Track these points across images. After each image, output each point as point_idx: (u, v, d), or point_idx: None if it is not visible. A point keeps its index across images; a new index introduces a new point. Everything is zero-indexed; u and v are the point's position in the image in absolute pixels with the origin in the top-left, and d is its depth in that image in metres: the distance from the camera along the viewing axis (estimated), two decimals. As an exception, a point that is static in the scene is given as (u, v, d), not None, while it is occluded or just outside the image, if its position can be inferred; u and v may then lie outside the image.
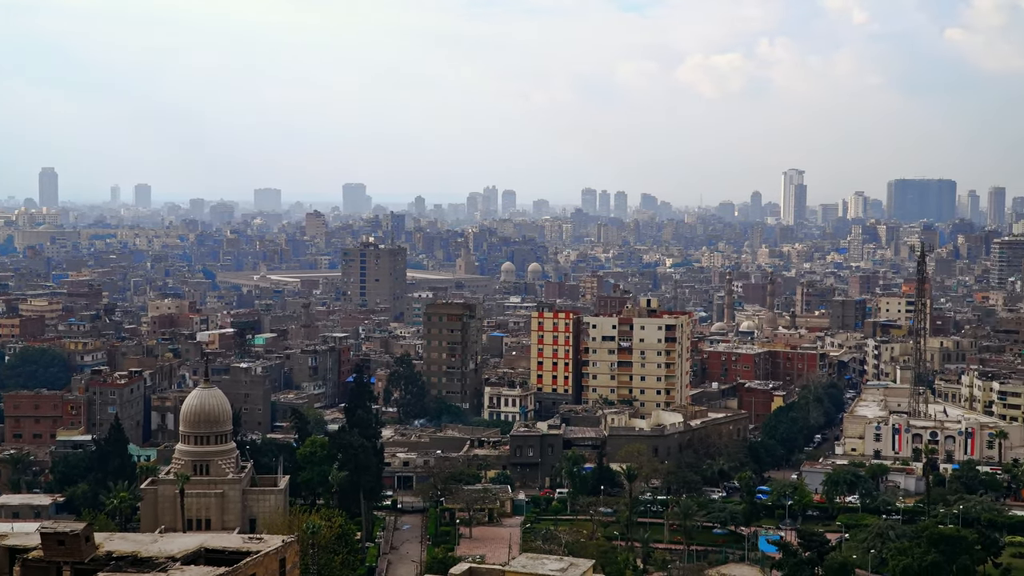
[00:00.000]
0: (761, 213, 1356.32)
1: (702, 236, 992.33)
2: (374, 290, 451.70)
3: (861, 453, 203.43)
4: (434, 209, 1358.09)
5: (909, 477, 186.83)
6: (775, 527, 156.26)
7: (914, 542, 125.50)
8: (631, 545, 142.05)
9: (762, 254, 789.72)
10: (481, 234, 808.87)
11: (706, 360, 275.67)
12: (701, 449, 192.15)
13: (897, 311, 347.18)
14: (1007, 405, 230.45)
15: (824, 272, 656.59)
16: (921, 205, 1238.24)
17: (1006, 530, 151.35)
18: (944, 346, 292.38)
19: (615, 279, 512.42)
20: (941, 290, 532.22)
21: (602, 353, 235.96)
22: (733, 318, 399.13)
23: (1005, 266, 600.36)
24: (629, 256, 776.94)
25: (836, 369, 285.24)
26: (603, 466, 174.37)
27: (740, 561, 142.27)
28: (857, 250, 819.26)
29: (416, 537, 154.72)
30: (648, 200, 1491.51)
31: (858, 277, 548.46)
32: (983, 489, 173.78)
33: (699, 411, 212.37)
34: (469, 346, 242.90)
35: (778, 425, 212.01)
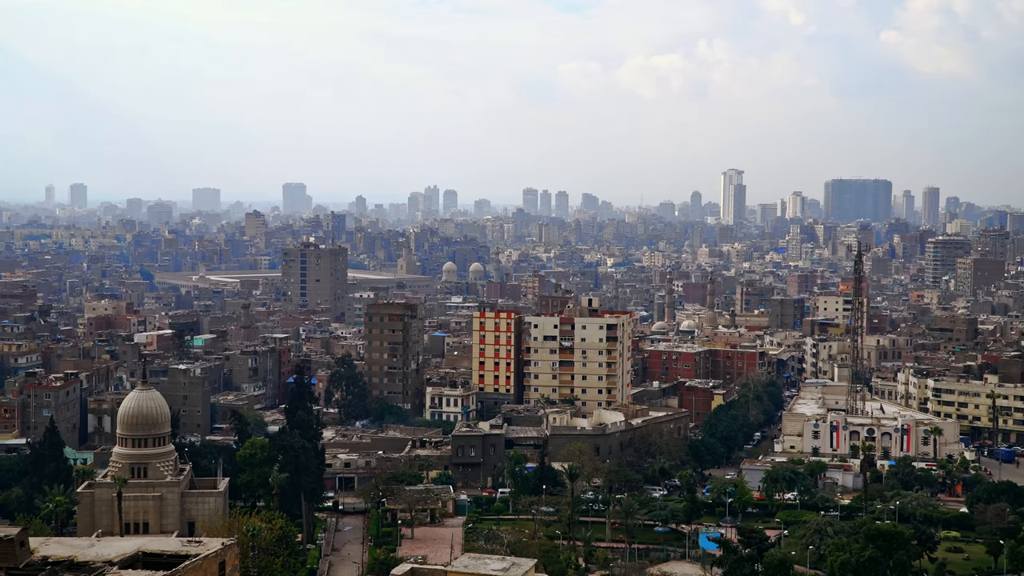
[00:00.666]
0: (701, 213, 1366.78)
1: (643, 236, 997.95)
2: (315, 290, 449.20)
3: (800, 450, 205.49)
4: (375, 209, 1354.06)
5: (847, 474, 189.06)
6: (716, 525, 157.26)
7: (852, 538, 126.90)
8: (573, 544, 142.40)
9: (702, 254, 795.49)
10: (423, 234, 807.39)
11: (647, 359, 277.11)
12: (642, 448, 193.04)
13: (835, 310, 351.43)
14: (941, 402, 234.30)
15: (763, 271, 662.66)
16: (858, 205, 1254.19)
17: (941, 525, 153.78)
18: (880, 344, 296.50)
19: (557, 279, 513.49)
20: (877, 289, 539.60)
21: (544, 353, 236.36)
22: (674, 317, 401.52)
23: (939, 265, 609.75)
24: (571, 256, 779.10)
25: (775, 367, 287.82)
26: (545, 465, 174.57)
27: (681, 559, 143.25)
28: (795, 249, 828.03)
29: (358, 538, 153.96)
30: (589, 200, 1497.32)
31: (796, 276, 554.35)
32: (919, 485, 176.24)
33: (640, 410, 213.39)
34: (411, 346, 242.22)
35: (718, 423, 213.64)
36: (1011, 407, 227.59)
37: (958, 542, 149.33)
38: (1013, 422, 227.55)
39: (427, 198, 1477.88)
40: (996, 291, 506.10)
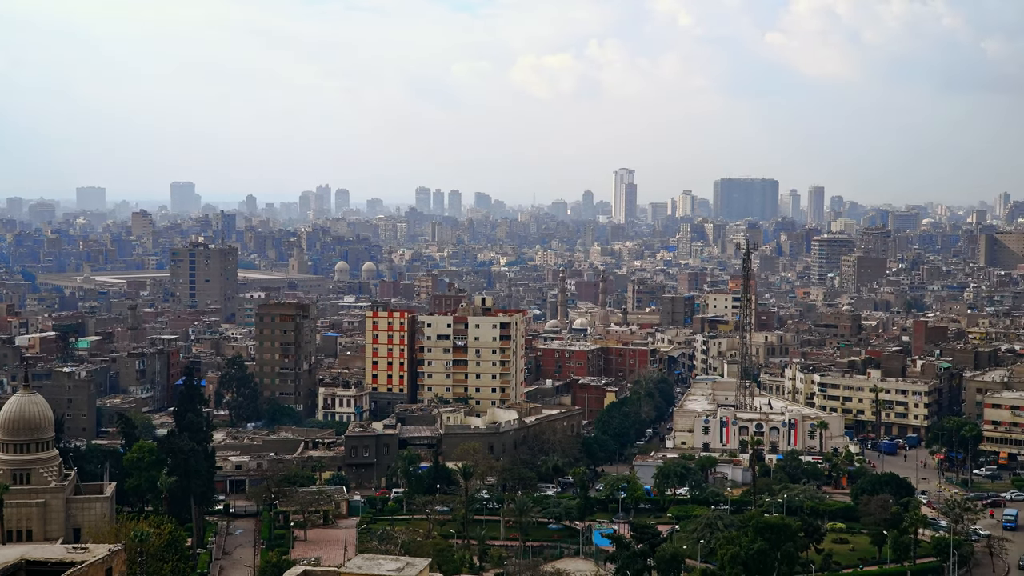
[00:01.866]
0: (593, 212, 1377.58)
1: (536, 235, 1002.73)
2: (204, 291, 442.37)
3: (691, 446, 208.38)
4: (266, 208, 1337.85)
5: (736, 468, 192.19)
6: (609, 521, 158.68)
7: (741, 531, 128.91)
8: (468, 543, 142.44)
9: (594, 252, 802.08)
10: (314, 233, 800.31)
11: (540, 357, 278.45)
12: (536, 445, 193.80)
13: (724, 307, 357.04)
14: (827, 396, 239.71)
15: (654, 269, 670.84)
16: (746, 204, 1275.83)
17: (827, 517, 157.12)
18: (768, 341, 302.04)
19: (450, 278, 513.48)
20: (765, 286, 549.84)
21: (437, 352, 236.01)
22: (567, 316, 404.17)
23: (825, 262, 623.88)
24: (464, 255, 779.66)
25: (666, 364, 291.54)
26: (439, 465, 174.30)
27: (575, 555, 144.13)
28: (686, 248, 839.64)
29: (249, 541, 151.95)
30: (482, 199, 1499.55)
31: (687, 274, 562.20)
32: (806, 478, 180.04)
33: (534, 408, 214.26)
34: (303, 347, 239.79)
35: (611, 420, 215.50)
36: (893, 401, 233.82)
37: (843, 533, 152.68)
38: (895, 415, 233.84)
39: (319, 197, 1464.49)
40: (878, 288, 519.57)
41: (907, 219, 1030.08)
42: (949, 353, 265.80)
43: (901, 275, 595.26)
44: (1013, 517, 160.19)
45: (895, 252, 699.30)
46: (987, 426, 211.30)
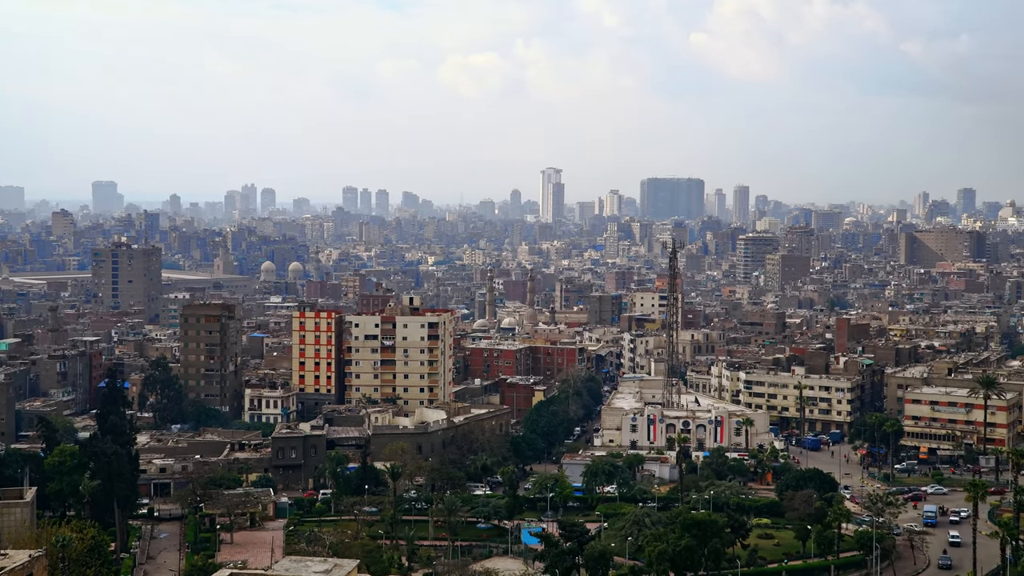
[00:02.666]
0: (521, 211, 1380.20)
1: (463, 234, 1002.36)
2: (127, 292, 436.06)
3: (619, 444, 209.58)
4: (190, 208, 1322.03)
5: (664, 465, 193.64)
6: (537, 519, 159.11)
7: (669, 528, 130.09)
8: (396, 543, 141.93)
9: (522, 251, 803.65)
10: (240, 233, 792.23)
11: (468, 357, 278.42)
12: (465, 445, 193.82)
13: (651, 305, 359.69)
14: (752, 394, 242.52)
15: (582, 269, 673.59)
16: (672, 203, 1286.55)
17: (753, 512, 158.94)
18: (695, 339, 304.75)
19: (377, 278, 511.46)
20: (692, 285, 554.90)
21: (365, 352, 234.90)
22: (495, 315, 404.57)
23: (750, 261, 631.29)
24: (391, 254, 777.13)
25: (594, 363, 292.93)
26: (367, 465, 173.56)
27: (504, 554, 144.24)
28: (613, 247, 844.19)
29: (174, 545, 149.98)
30: (410, 198, 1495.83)
31: (614, 273, 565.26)
32: (732, 474, 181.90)
33: (462, 407, 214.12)
34: (228, 348, 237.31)
35: (539, 419, 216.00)
36: (817, 397, 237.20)
37: (769, 528, 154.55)
38: (819, 412, 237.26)
39: (244, 197, 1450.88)
40: (802, 286, 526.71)
41: (830, 218, 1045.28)
42: (871, 350, 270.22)
43: (824, 273, 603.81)
44: (934, 513, 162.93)
45: (818, 251, 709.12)
46: (908, 421, 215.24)
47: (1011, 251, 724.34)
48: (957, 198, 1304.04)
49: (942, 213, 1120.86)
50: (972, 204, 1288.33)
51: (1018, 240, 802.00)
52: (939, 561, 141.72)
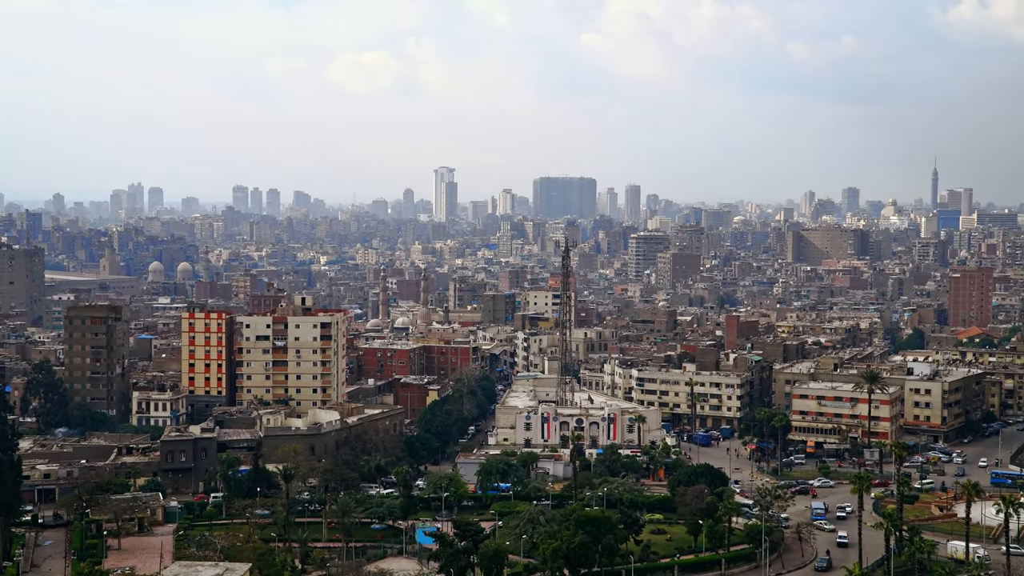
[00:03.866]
0: (414, 210, 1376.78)
1: (356, 233, 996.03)
2: (8, 293, 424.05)
3: (513, 442, 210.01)
4: (75, 207, 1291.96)
5: (558, 463, 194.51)
6: (432, 519, 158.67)
7: (563, 525, 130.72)
8: (289, 546, 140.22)
9: (416, 251, 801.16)
10: (127, 233, 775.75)
11: (362, 357, 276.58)
12: (358, 446, 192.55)
13: (544, 304, 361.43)
14: (645, 391, 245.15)
15: (475, 268, 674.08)
16: (565, 202, 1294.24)
17: (645, 508, 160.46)
18: (588, 337, 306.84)
19: (269, 278, 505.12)
20: (584, 283, 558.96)
21: (256, 353, 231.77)
22: (388, 315, 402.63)
23: (641, 260, 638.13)
24: (283, 254, 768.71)
25: (488, 362, 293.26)
26: (259, 468, 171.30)
27: (399, 555, 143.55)
28: (506, 246, 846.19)
29: (60, 552, 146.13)
30: (302, 198, 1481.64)
31: (507, 272, 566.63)
32: (625, 471, 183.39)
33: (356, 408, 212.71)
34: (115, 350, 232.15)
35: (433, 419, 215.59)
36: (707, 394, 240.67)
37: (661, 524, 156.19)
38: (709, 408, 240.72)
39: (131, 196, 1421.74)
40: (693, 284, 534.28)
41: (719, 217, 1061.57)
42: (760, 346, 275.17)
43: (714, 271, 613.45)
44: (823, 510, 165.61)
45: (708, 249, 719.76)
46: (795, 416, 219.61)
47: (893, 249, 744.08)
48: (842, 197, 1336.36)
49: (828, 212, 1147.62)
50: (856, 203, 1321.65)
51: (900, 238, 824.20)
52: (816, 564, 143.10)
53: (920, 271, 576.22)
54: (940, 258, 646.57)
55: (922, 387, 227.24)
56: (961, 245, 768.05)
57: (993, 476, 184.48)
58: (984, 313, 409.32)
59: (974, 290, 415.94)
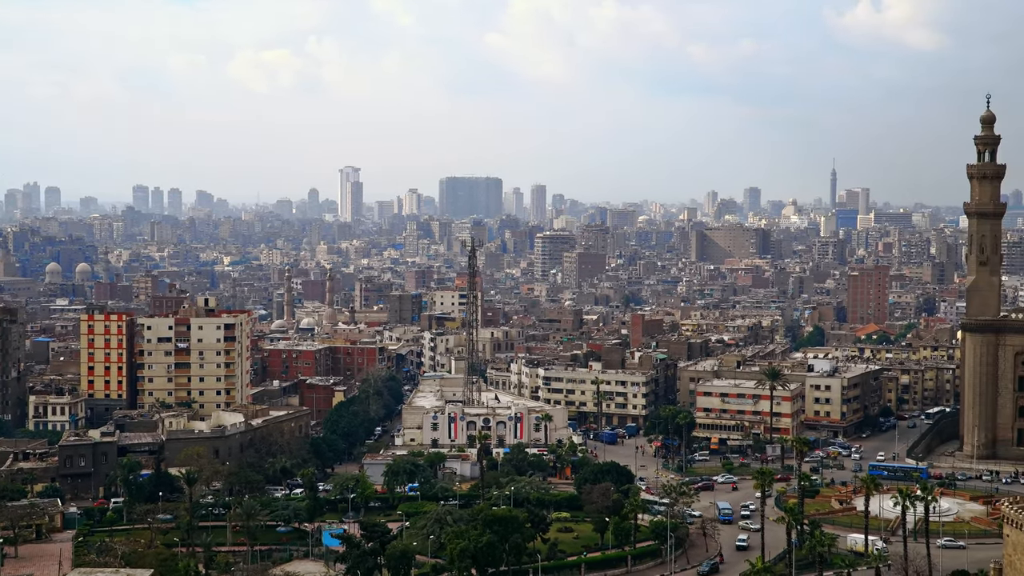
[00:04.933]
0: (319, 210, 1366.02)
1: (260, 234, 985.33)
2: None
3: (420, 443, 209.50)
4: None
5: (465, 463, 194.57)
6: (339, 521, 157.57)
7: (470, 525, 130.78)
8: (193, 551, 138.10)
9: (321, 251, 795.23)
10: (22, 233, 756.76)
11: (267, 358, 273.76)
12: (263, 448, 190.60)
13: (451, 304, 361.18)
14: (551, 389, 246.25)
15: (382, 268, 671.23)
16: (471, 202, 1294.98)
17: (553, 507, 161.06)
18: (495, 336, 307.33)
19: (171, 279, 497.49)
20: (491, 283, 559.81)
21: (158, 355, 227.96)
22: (293, 315, 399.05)
23: (547, 259, 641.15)
24: (185, 255, 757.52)
25: (395, 362, 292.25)
26: (161, 472, 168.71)
27: (305, 557, 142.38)
28: (413, 246, 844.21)
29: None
30: (204, 197, 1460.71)
31: (414, 272, 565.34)
32: (532, 470, 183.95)
33: (260, 410, 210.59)
34: (11, 353, 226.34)
35: (339, 420, 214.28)
36: (613, 392, 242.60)
37: (568, 522, 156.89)
38: (615, 406, 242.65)
39: (27, 195, 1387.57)
40: (598, 283, 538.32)
41: (624, 216, 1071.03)
42: (664, 345, 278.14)
43: (619, 270, 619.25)
44: (729, 510, 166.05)
45: (614, 248, 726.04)
46: (699, 413, 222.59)
47: (794, 248, 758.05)
48: (744, 197, 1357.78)
49: (730, 211, 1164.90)
50: (758, 203, 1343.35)
51: (800, 237, 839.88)
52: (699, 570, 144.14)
53: (820, 269, 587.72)
54: (839, 257, 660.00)
55: (822, 383, 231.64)
56: (859, 244, 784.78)
57: (871, 468, 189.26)
58: (881, 310, 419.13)
59: (871, 288, 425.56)
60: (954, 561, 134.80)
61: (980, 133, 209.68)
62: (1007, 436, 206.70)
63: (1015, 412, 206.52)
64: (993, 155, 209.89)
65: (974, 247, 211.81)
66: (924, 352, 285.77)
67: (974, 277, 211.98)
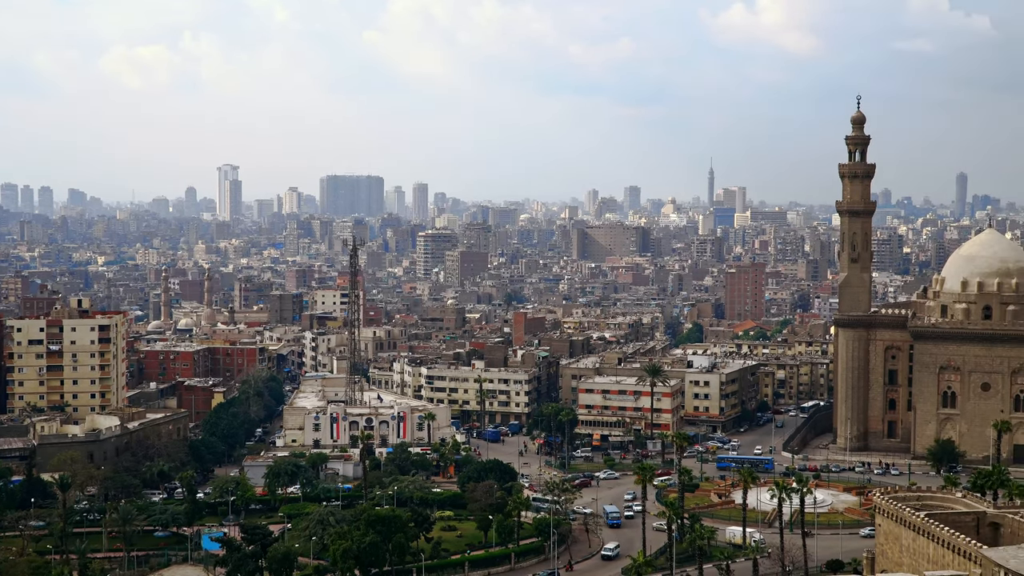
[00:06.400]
0: (197, 209, 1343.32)
1: (136, 233, 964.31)
2: None
3: (301, 444, 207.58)
4: None
5: (348, 463, 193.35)
6: (219, 524, 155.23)
7: (353, 525, 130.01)
8: (67, 558, 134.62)
9: (199, 250, 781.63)
10: None
11: (143, 360, 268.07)
12: (140, 451, 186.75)
13: (333, 303, 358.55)
14: (434, 388, 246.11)
15: (262, 267, 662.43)
16: (352, 200, 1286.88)
17: (436, 506, 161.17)
18: (377, 336, 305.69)
19: (42, 279, 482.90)
20: (373, 282, 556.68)
21: (29, 358, 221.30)
22: (171, 316, 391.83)
23: (430, 258, 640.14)
24: (57, 255, 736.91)
25: (276, 362, 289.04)
26: (33, 477, 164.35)
27: (183, 562, 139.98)
28: (293, 245, 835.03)
29: None
30: (76, 196, 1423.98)
31: (295, 271, 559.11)
32: (415, 469, 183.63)
33: (137, 413, 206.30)
34: None
35: (219, 422, 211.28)
36: (496, 390, 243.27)
37: (452, 521, 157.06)
38: (498, 404, 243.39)
39: None
40: (481, 282, 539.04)
41: (506, 215, 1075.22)
42: (547, 343, 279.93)
43: (502, 269, 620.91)
44: (617, 514, 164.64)
45: (496, 247, 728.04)
46: (582, 410, 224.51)
47: (673, 246, 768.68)
48: (624, 195, 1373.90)
49: (611, 210, 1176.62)
50: (638, 201, 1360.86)
51: (679, 235, 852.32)
52: (603, 552, 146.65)
53: (698, 267, 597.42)
54: (717, 254, 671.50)
55: (701, 379, 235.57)
56: (736, 242, 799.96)
57: (719, 462, 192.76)
58: (758, 307, 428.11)
59: (748, 285, 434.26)
60: (829, 551, 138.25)
61: (851, 133, 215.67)
62: (878, 428, 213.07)
63: (885, 405, 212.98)
64: (863, 155, 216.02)
65: (846, 244, 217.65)
66: (799, 347, 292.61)
67: (846, 274, 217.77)
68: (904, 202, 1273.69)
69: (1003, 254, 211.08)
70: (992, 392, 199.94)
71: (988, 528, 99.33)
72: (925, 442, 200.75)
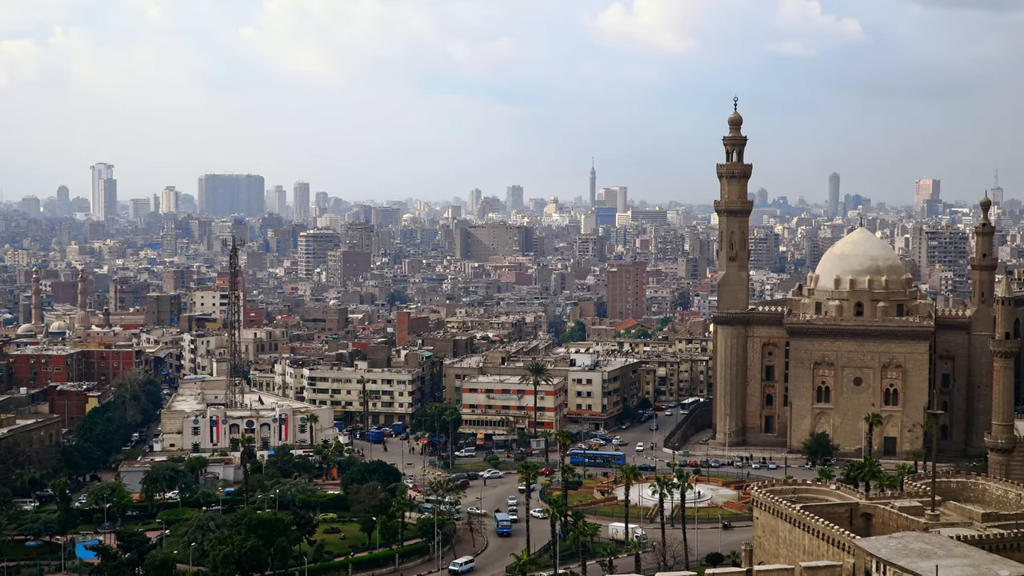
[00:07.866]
0: (70, 208, 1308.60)
1: (5, 233, 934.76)
2: None
3: (180, 448, 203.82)
4: None
5: (228, 467, 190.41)
6: (94, 532, 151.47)
7: (234, 530, 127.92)
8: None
9: (72, 251, 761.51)
10: None
11: (13, 364, 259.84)
12: (10, 459, 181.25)
13: (212, 305, 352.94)
14: (317, 390, 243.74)
15: (138, 268, 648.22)
16: (232, 200, 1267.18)
17: (319, 508, 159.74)
18: (258, 337, 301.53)
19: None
20: (254, 283, 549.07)
21: None
22: (42, 319, 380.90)
23: (312, 258, 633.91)
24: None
25: (153, 365, 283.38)
26: None
27: (56, 572, 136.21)
28: (171, 245, 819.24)
29: None
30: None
31: (172, 272, 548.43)
32: (297, 472, 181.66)
33: (6, 419, 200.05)
34: None
35: (93, 427, 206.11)
36: (380, 391, 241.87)
37: (336, 523, 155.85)
38: (382, 404, 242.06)
39: None
40: (364, 282, 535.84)
41: (389, 215, 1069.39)
42: (430, 342, 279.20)
43: (384, 269, 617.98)
44: (509, 523, 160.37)
45: (378, 247, 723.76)
46: (465, 410, 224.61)
47: (555, 245, 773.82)
48: (507, 195, 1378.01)
49: (494, 210, 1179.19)
50: (521, 201, 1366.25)
51: (562, 235, 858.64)
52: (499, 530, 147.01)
53: (581, 266, 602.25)
54: (599, 253, 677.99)
55: (584, 377, 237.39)
56: (618, 241, 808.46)
57: (572, 457, 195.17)
58: (639, 305, 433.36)
59: (629, 283, 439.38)
60: (708, 545, 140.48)
61: (728, 134, 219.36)
62: (756, 423, 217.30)
63: (763, 400, 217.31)
64: (740, 155, 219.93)
65: (724, 243, 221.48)
66: (679, 345, 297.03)
67: (724, 272, 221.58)
68: (780, 201, 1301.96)
69: (873, 252, 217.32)
70: (864, 386, 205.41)
71: (860, 519, 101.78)
72: (801, 436, 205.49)
